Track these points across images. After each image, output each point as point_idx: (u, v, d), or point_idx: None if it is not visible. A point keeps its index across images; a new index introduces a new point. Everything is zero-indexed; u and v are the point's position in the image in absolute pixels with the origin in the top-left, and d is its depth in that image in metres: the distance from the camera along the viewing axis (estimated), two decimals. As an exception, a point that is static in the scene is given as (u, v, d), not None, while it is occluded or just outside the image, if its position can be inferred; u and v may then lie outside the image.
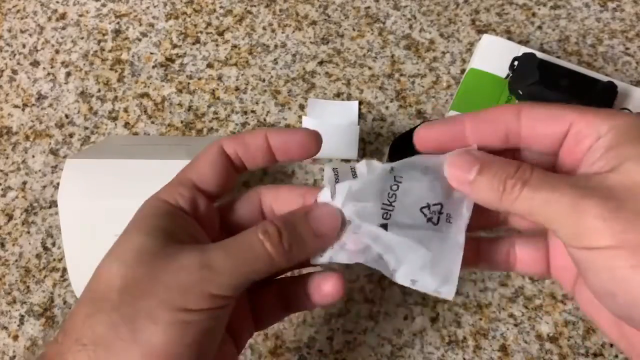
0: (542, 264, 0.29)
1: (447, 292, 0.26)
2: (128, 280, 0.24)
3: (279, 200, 0.29)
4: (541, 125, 0.26)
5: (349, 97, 0.49)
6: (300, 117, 0.48)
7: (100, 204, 0.40)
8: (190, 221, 0.27)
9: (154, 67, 0.51)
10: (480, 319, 0.41)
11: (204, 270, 0.24)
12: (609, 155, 0.23)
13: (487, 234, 0.30)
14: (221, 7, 0.53)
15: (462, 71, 0.49)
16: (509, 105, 0.26)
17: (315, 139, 0.29)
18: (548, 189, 0.23)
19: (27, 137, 0.49)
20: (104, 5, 0.54)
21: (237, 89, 0.50)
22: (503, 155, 0.26)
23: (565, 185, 0.23)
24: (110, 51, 0.52)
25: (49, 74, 0.52)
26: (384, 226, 0.26)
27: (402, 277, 0.26)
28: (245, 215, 0.29)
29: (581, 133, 0.25)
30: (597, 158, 0.24)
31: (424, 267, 0.26)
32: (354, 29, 0.51)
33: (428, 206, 0.27)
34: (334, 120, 0.47)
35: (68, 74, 0.51)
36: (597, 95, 0.42)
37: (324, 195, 0.28)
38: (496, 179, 0.24)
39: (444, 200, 0.27)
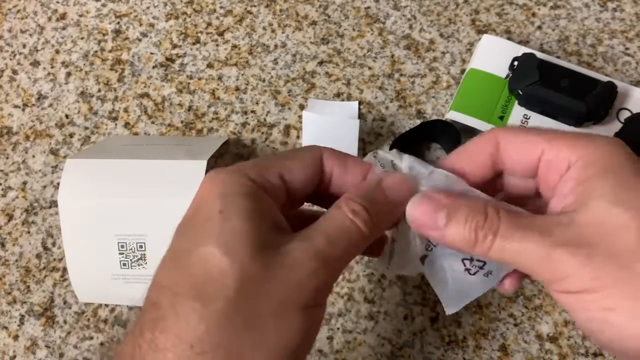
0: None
1: (449, 310, 0.28)
2: (244, 278, 0.22)
3: (345, 169, 0.28)
4: (515, 152, 0.26)
5: (349, 97, 0.49)
6: (300, 117, 0.48)
7: (100, 204, 0.40)
8: (276, 208, 0.26)
9: (154, 67, 0.51)
10: (480, 319, 0.41)
11: (315, 261, 0.23)
12: (577, 191, 0.23)
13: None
14: (221, 7, 0.53)
15: (462, 71, 0.49)
16: (486, 135, 0.27)
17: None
18: (519, 239, 0.23)
19: (27, 137, 0.49)
20: (104, 5, 0.54)
21: (237, 89, 0.50)
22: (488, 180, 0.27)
23: (536, 233, 0.23)
24: (110, 51, 0.52)
25: (49, 74, 0.52)
26: (422, 259, 0.28)
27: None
28: (308, 179, 0.27)
29: (552, 162, 0.25)
30: (567, 192, 0.24)
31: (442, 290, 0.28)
32: (354, 29, 0.51)
33: (471, 259, 0.27)
34: (333, 118, 0.47)
35: (68, 74, 0.51)
36: (597, 96, 0.42)
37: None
38: (467, 230, 0.24)
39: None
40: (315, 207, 0.30)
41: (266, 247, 0.23)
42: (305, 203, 0.30)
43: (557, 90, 0.42)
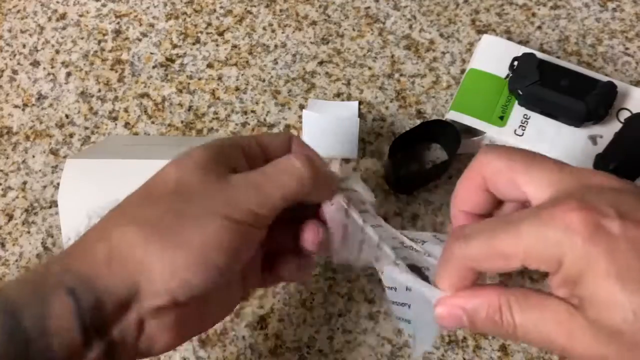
0: None
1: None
2: (181, 183, 0.28)
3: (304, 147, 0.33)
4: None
5: (349, 97, 0.49)
6: (300, 117, 0.48)
7: (100, 204, 0.40)
8: (244, 161, 0.30)
9: (154, 67, 0.51)
10: (480, 319, 0.41)
11: (248, 188, 0.28)
12: (570, 291, 0.23)
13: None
14: (221, 7, 0.53)
15: (462, 71, 0.49)
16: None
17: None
18: (536, 336, 0.23)
19: (27, 137, 0.49)
20: (104, 5, 0.54)
21: (237, 89, 0.50)
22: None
23: (550, 322, 0.23)
24: (110, 51, 0.52)
25: (49, 74, 0.52)
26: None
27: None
28: (278, 150, 0.32)
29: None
30: (557, 286, 0.23)
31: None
32: (354, 29, 0.51)
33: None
34: (334, 117, 0.47)
35: (68, 74, 0.51)
36: (597, 96, 0.42)
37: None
38: (491, 327, 0.25)
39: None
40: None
41: (211, 171, 0.28)
42: None
43: (557, 90, 0.42)
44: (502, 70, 0.45)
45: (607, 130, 0.43)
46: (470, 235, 0.25)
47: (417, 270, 0.31)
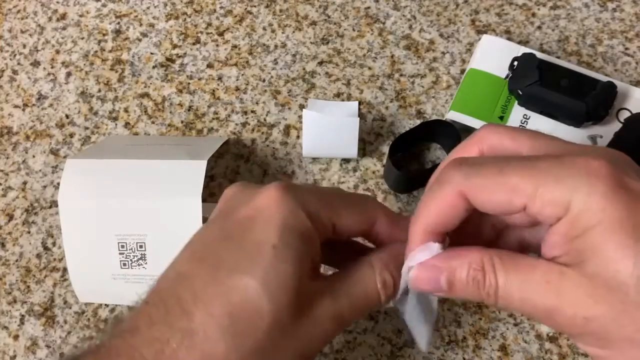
0: None
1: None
2: (276, 322, 0.23)
3: (396, 232, 0.28)
4: (489, 204, 0.23)
5: (349, 97, 0.49)
6: (300, 117, 0.48)
7: (100, 204, 0.40)
8: (319, 250, 0.26)
9: (154, 67, 0.51)
10: (480, 319, 0.41)
11: (334, 323, 0.25)
12: (568, 248, 0.22)
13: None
14: (221, 8, 0.53)
15: (462, 71, 0.49)
16: (446, 188, 0.23)
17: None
18: (518, 299, 0.22)
19: (27, 137, 0.49)
20: (104, 5, 0.54)
21: (237, 89, 0.50)
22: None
23: (534, 286, 0.22)
24: (110, 51, 0.52)
25: (49, 74, 0.52)
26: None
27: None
28: (355, 234, 0.28)
29: (536, 218, 0.22)
30: (556, 244, 0.22)
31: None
32: (354, 29, 0.51)
33: None
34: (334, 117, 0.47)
35: (68, 74, 0.51)
36: (597, 96, 0.42)
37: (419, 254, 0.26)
38: (470, 291, 0.23)
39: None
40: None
41: (302, 295, 0.24)
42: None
43: (557, 90, 0.42)
44: (502, 70, 0.45)
45: (607, 130, 0.43)
46: (477, 161, 0.23)
47: None
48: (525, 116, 0.44)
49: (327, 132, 0.44)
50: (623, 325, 0.21)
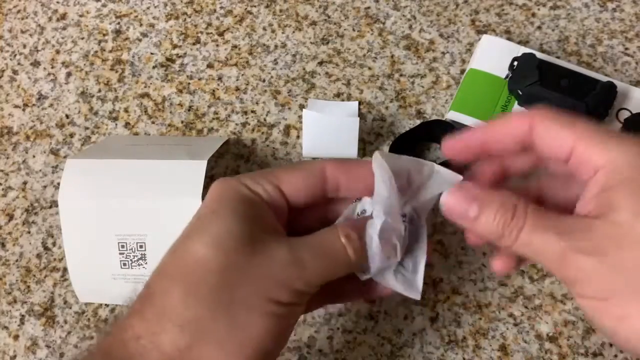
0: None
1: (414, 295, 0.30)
2: (226, 268, 0.25)
3: (350, 176, 0.29)
4: (548, 143, 0.26)
5: (349, 97, 0.49)
6: (300, 117, 0.48)
7: (100, 204, 0.40)
8: (270, 213, 0.28)
9: (154, 67, 0.51)
10: (480, 319, 0.41)
11: (296, 267, 0.26)
12: (600, 199, 0.24)
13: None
14: (221, 8, 0.53)
15: (462, 71, 0.49)
16: (523, 115, 0.26)
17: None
18: (539, 239, 0.24)
19: (27, 137, 0.49)
20: (104, 5, 0.54)
21: (237, 89, 0.50)
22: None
23: (555, 235, 0.24)
24: (110, 51, 0.52)
25: (49, 74, 0.52)
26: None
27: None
28: (308, 191, 0.29)
29: (580, 162, 0.25)
30: (591, 197, 0.24)
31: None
32: (354, 29, 0.51)
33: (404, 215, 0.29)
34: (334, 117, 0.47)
35: (68, 74, 0.52)
36: (597, 96, 0.42)
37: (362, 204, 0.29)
38: (495, 224, 0.25)
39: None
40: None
41: (251, 243, 0.26)
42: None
43: (557, 90, 0.42)
44: (501, 70, 0.45)
45: (607, 131, 0.43)
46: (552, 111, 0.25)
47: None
48: (525, 116, 0.44)
49: (327, 132, 0.44)
50: (631, 279, 0.22)
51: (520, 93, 0.43)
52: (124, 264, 0.40)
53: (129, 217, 0.40)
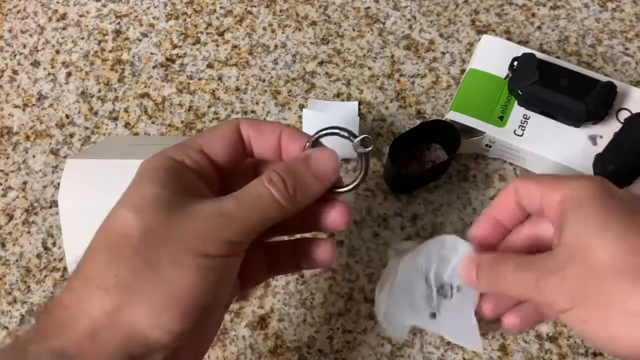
0: None
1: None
2: (146, 229, 0.25)
3: (258, 134, 0.30)
4: (527, 200, 0.30)
5: (349, 97, 0.49)
6: (300, 117, 0.48)
7: (100, 204, 0.40)
8: (196, 179, 0.28)
9: (154, 67, 0.51)
10: (480, 319, 0.41)
11: (221, 217, 0.26)
12: (557, 224, 0.27)
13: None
14: (221, 8, 0.53)
15: (462, 71, 0.49)
16: (508, 187, 0.31)
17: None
18: (517, 277, 0.28)
19: (27, 137, 0.49)
20: (104, 5, 0.54)
21: (237, 89, 0.50)
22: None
23: (527, 271, 0.28)
24: (110, 51, 0.52)
25: (49, 74, 0.52)
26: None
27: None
28: (227, 150, 0.30)
29: (547, 206, 0.29)
30: (555, 229, 0.28)
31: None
32: (354, 29, 0.51)
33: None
34: (334, 116, 0.47)
35: (68, 74, 0.52)
36: (597, 96, 0.42)
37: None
38: (488, 277, 0.30)
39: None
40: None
41: (171, 204, 0.26)
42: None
43: (557, 90, 0.42)
44: (502, 70, 0.45)
45: (607, 130, 0.43)
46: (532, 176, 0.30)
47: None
48: (525, 116, 0.44)
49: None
50: (587, 287, 0.25)
51: (520, 93, 0.43)
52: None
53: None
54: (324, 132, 0.30)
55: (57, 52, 0.52)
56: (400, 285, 0.32)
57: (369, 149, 0.30)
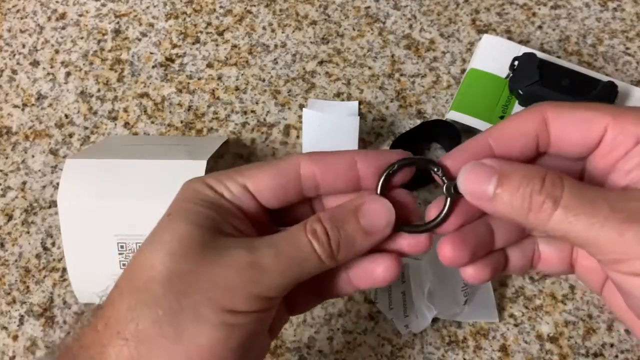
0: (566, 263, 0.27)
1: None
2: (172, 274, 0.23)
3: (327, 171, 0.26)
4: (572, 131, 0.23)
5: (349, 97, 0.49)
6: (300, 117, 0.48)
7: (100, 204, 0.40)
8: (236, 215, 0.25)
9: (153, 67, 0.51)
10: (481, 319, 0.41)
11: (253, 270, 0.23)
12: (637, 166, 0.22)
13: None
14: (221, 7, 0.53)
15: (462, 71, 0.49)
16: (531, 111, 0.24)
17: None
18: (588, 212, 0.21)
19: (26, 137, 0.49)
20: (103, 5, 0.54)
21: (237, 88, 0.50)
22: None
23: (605, 207, 0.21)
24: (110, 51, 0.52)
25: (48, 73, 0.52)
26: None
27: None
28: (280, 191, 0.26)
29: (617, 139, 0.23)
30: (633, 167, 0.23)
31: None
32: (354, 29, 0.51)
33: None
34: (334, 116, 0.47)
35: (68, 74, 0.51)
36: (598, 95, 0.42)
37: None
38: (519, 195, 0.22)
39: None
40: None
41: (203, 247, 0.23)
42: None
43: (558, 90, 0.42)
44: (502, 70, 0.45)
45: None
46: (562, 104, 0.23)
47: None
48: (525, 116, 0.44)
49: (327, 131, 0.44)
50: None
51: (521, 93, 0.43)
52: (124, 264, 0.40)
53: (128, 218, 0.40)
54: (408, 162, 0.26)
55: (57, 51, 0.52)
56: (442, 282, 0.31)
57: (461, 195, 0.24)
